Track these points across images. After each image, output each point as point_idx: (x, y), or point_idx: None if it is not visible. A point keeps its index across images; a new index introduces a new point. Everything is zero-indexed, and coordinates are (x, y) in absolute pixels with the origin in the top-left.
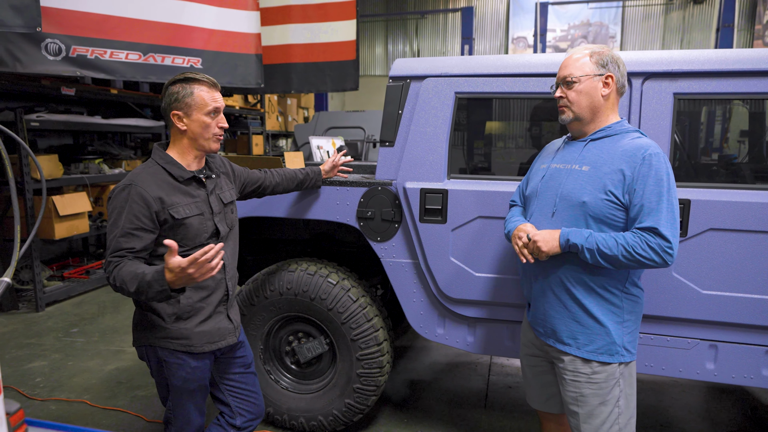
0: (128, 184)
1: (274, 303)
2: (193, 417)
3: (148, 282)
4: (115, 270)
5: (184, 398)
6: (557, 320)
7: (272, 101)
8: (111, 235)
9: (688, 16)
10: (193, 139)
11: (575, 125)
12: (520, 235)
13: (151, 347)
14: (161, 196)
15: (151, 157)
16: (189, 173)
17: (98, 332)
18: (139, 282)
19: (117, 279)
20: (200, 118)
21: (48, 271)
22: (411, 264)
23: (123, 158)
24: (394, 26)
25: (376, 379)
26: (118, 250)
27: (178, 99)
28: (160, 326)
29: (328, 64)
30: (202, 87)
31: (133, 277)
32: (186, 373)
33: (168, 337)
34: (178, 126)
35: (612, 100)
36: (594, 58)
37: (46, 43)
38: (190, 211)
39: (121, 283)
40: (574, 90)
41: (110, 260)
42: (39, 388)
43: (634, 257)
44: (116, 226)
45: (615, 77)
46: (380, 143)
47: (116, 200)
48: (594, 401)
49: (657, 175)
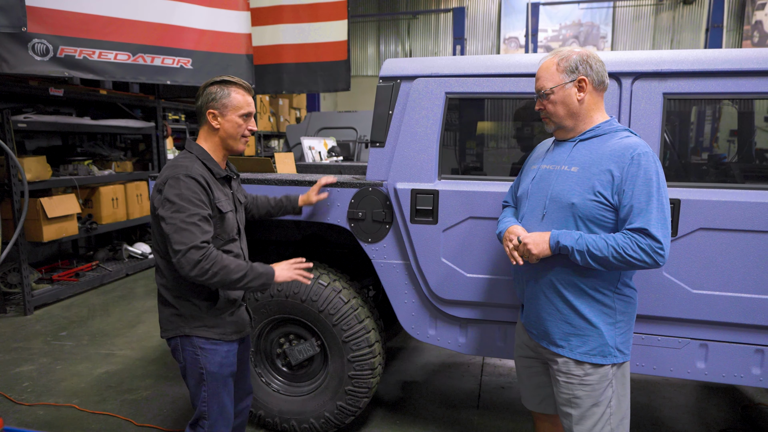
0: (185, 173)
1: (265, 305)
2: (227, 405)
3: (259, 273)
4: (212, 255)
5: (219, 386)
6: (549, 322)
7: (264, 102)
8: (187, 220)
9: (677, 17)
10: (224, 138)
11: (561, 132)
12: (510, 238)
13: (186, 337)
14: (211, 186)
15: (186, 149)
16: (223, 171)
17: (88, 335)
18: (247, 272)
19: (216, 264)
20: (234, 118)
21: (36, 274)
22: (402, 265)
23: (113, 159)
24: (385, 26)
25: (368, 380)
26: (204, 234)
27: (215, 98)
28: (197, 316)
29: (320, 65)
30: (239, 90)
31: (238, 266)
32: (222, 358)
33: (205, 325)
34: (212, 124)
35: (592, 101)
36: (561, 65)
37: (33, 43)
38: (228, 206)
39: (220, 269)
40: (550, 101)
41: (203, 245)
42: (27, 393)
43: (625, 258)
44: (188, 210)
45: (588, 78)
46: (371, 144)
47: (177, 188)
48: (587, 403)
49: (646, 174)
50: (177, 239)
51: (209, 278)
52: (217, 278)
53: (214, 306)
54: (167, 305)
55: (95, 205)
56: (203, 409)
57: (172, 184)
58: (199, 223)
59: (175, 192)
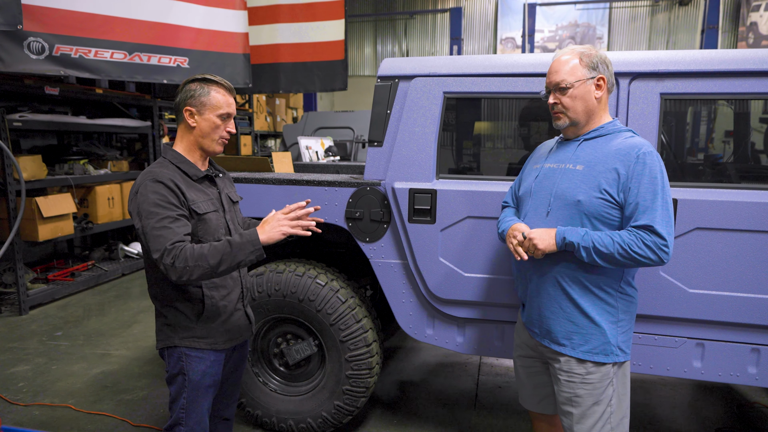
0: (151, 178)
1: (263, 305)
2: (204, 416)
3: (240, 245)
4: (182, 252)
5: (200, 395)
6: (552, 320)
7: (261, 101)
8: (156, 225)
9: (673, 18)
10: (198, 137)
11: (571, 130)
12: (515, 234)
13: (174, 348)
14: (182, 188)
15: (162, 156)
16: (202, 172)
17: (83, 335)
18: (224, 252)
19: (190, 258)
20: (211, 117)
21: (32, 274)
22: (400, 265)
23: (108, 159)
24: (382, 26)
25: (366, 380)
26: (174, 235)
27: (194, 96)
28: (186, 326)
29: (317, 64)
30: (220, 90)
31: (212, 250)
32: (205, 367)
33: (194, 336)
34: (188, 122)
35: (604, 101)
36: (584, 60)
37: (29, 41)
38: (207, 207)
39: (195, 260)
40: (568, 96)
41: (173, 246)
42: (22, 393)
43: (631, 255)
44: (157, 215)
45: (606, 78)
46: (368, 143)
47: (144, 195)
48: (588, 401)
49: (651, 173)
50: (152, 247)
51: (191, 274)
52: (199, 271)
53: (202, 314)
54: (158, 315)
55: (91, 205)
56: (181, 415)
57: (141, 192)
58: (169, 225)
59: (143, 199)
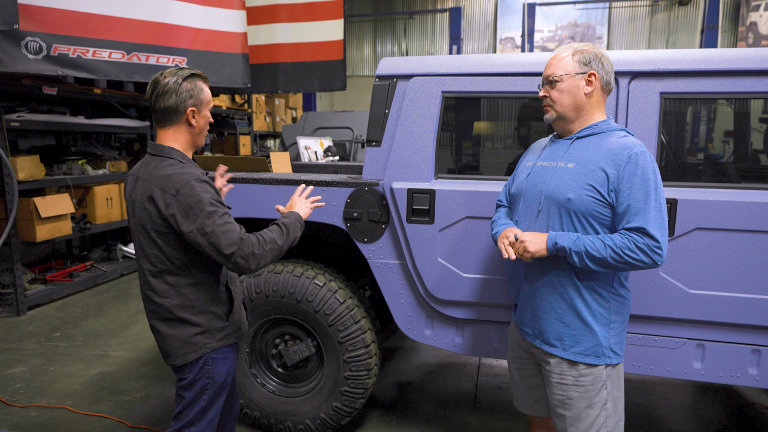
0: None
1: (260, 305)
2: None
3: (291, 224)
4: (253, 242)
5: (220, 396)
6: (544, 321)
7: (260, 101)
8: (220, 222)
9: (673, 18)
10: (196, 135)
11: (560, 124)
12: (507, 235)
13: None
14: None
15: (165, 156)
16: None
17: (81, 336)
18: (284, 232)
19: (263, 244)
20: (207, 114)
21: (30, 274)
22: (398, 265)
23: (107, 159)
24: (382, 26)
25: (364, 381)
26: (239, 228)
27: (193, 96)
28: (220, 328)
29: (316, 64)
30: (205, 84)
31: (277, 233)
32: (229, 366)
33: (227, 334)
34: (191, 122)
35: (597, 99)
36: (576, 56)
37: (27, 41)
38: None
39: (269, 245)
40: (556, 89)
41: (246, 237)
42: (19, 395)
43: (623, 258)
44: (216, 213)
45: (599, 75)
46: (367, 143)
47: (195, 196)
48: (581, 404)
49: (644, 174)
50: (225, 243)
51: (266, 259)
52: (272, 254)
53: (231, 310)
54: (185, 325)
55: (89, 205)
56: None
57: (189, 194)
58: (230, 220)
59: (194, 201)
